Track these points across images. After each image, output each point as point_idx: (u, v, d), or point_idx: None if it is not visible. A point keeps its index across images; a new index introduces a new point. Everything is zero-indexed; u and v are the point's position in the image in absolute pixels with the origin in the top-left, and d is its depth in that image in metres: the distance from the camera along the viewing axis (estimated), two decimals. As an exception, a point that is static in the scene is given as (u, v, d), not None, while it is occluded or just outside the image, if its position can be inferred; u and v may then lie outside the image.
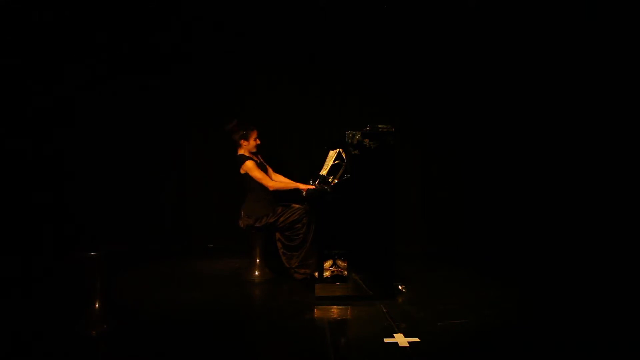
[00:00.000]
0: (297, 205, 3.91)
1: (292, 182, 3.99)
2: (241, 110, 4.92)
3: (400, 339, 2.64)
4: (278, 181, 4.05)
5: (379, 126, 3.38)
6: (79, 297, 2.85)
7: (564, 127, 4.91)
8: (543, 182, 4.99)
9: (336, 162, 3.80)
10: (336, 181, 3.51)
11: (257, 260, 4.01)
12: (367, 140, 3.35)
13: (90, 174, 4.88)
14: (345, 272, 3.41)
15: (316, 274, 3.62)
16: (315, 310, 3.19)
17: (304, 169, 4.77)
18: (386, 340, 2.64)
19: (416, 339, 2.64)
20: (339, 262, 3.74)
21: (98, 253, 2.72)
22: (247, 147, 3.93)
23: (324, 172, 3.87)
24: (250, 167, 3.83)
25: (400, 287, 3.57)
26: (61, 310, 3.10)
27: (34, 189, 4.57)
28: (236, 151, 3.97)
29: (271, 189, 3.87)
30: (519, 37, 4.96)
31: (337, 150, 3.79)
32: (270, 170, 4.08)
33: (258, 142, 3.97)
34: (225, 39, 5.09)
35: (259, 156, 4.06)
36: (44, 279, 3.94)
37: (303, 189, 3.75)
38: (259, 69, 5.13)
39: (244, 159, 3.87)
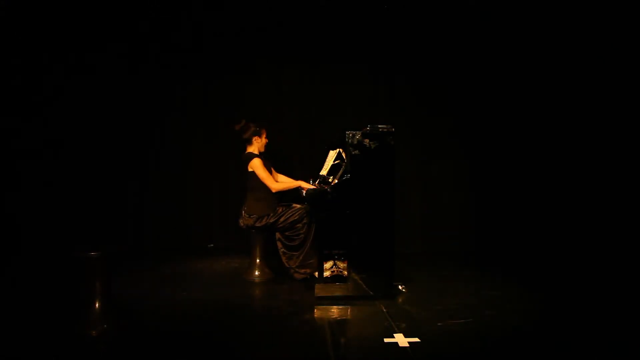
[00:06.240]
0: (297, 205, 3.92)
1: (294, 181, 4.00)
2: (242, 110, 4.92)
3: (400, 339, 2.64)
4: (281, 182, 4.04)
5: (379, 126, 3.38)
6: (79, 297, 2.85)
7: (563, 127, 4.91)
8: (543, 182, 4.99)
9: (336, 162, 3.80)
10: (336, 181, 3.51)
11: (257, 260, 4.01)
12: (367, 140, 3.35)
13: (91, 174, 4.87)
14: (345, 272, 3.40)
15: (316, 273, 3.62)
16: (315, 310, 3.19)
17: (304, 168, 4.77)
18: (386, 340, 2.64)
19: (416, 339, 2.64)
20: (339, 262, 3.73)
21: (98, 253, 2.72)
22: (257, 144, 3.94)
23: (324, 172, 3.87)
24: (257, 165, 3.84)
25: (400, 287, 3.56)
26: (61, 310, 3.10)
27: (33, 187, 4.56)
28: (244, 150, 3.98)
29: (274, 190, 3.86)
30: (521, 36, 4.96)
31: (337, 150, 3.78)
32: (273, 172, 4.08)
33: (267, 140, 4.02)
34: (226, 39, 5.09)
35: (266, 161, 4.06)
36: (44, 279, 3.94)
37: (304, 189, 3.76)
38: (260, 69, 5.13)
39: (252, 156, 3.89)
